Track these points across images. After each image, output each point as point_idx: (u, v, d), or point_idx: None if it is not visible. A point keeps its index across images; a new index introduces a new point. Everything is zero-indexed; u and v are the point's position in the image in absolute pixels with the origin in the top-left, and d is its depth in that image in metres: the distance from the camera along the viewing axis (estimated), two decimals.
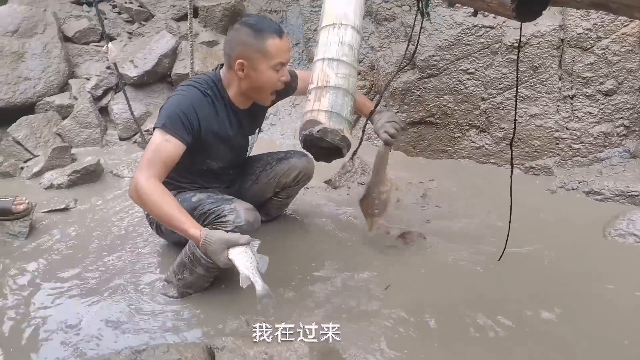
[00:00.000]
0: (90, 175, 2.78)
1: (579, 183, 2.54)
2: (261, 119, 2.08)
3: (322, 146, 1.63)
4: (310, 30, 3.53)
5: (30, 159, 3.05)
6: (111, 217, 2.46)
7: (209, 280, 1.84)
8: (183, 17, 3.99)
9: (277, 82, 1.75)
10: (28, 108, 3.27)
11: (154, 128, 1.72)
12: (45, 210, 2.48)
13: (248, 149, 2.05)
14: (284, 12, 4.04)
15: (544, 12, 1.38)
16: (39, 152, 3.05)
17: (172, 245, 2.11)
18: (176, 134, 1.66)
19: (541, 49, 2.56)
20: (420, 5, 1.82)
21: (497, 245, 2.02)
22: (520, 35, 1.80)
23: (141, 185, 1.57)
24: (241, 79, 1.76)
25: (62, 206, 2.52)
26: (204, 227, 1.59)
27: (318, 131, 1.58)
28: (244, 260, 1.43)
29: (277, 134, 3.38)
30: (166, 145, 1.65)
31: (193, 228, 1.52)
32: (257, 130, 2.05)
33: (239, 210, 1.70)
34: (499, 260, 1.96)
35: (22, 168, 2.99)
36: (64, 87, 3.43)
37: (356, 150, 2.12)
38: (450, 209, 2.47)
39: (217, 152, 1.88)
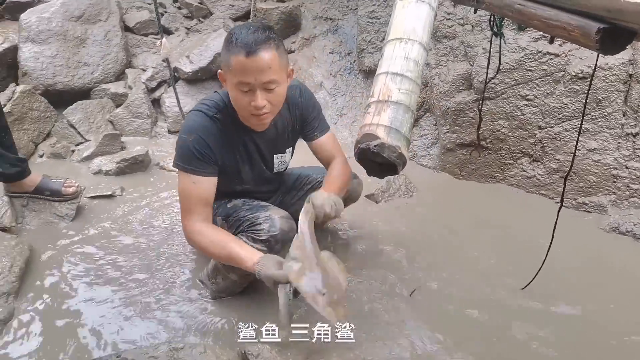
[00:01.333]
0: (138, 165, 2.83)
1: (634, 225, 2.41)
2: (286, 138, 1.87)
3: (377, 161, 1.60)
4: (365, 40, 3.51)
5: (82, 142, 3.13)
6: (154, 209, 2.49)
7: (242, 285, 1.83)
8: (240, 17, 4.05)
9: (246, 104, 1.55)
10: (84, 93, 3.37)
11: (174, 165, 1.67)
12: (92, 195, 2.54)
13: (275, 167, 1.89)
14: (339, 20, 4.05)
15: (627, 46, 1.32)
16: (91, 137, 3.13)
17: None
18: (199, 171, 1.62)
19: (607, 82, 2.45)
20: (494, 26, 1.76)
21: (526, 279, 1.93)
22: (595, 67, 1.72)
23: (189, 234, 1.64)
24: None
25: (109, 193, 2.57)
26: (237, 233, 1.67)
27: (375, 146, 1.54)
28: (283, 298, 1.42)
29: None
30: (196, 188, 1.62)
31: (248, 262, 1.51)
32: (287, 150, 1.90)
33: (274, 218, 1.66)
34: (522, 288, 1.94)
35: (73, 151, 3.07)
36: (120, 76, 3.52)
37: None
38: (488, 236, 2.39)
39: (236, 176, 1.79)
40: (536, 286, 1.91)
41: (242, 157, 1.77)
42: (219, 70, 1.60)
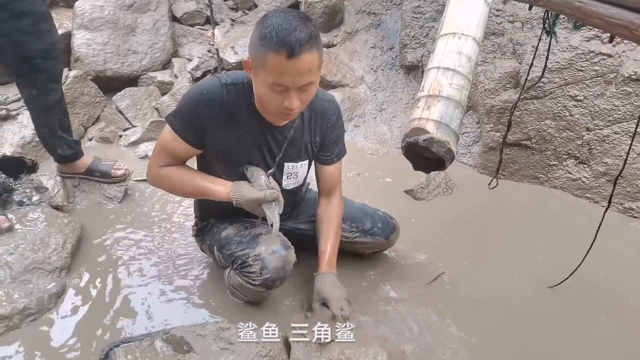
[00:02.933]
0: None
1: None
2: (302, 148, 1.70)
3: (425, 156, 1.60)
4: (409, 36, 3.49)
5: (129, 128, 3.23)
6: None
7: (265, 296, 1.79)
8: None
9: (277, 104, 1.40)
10: (132, 80, 3.47)
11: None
12: (139, 178, 2.62)
13: (284, 178, 1.72)
14: (382, 15, 4.03)
15: None
16: (137, 123, 3.22)
17: None
18: (182, 134, 1.54)
19: None
20: (547, 24, 1.73)
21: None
22: None
23: (154, 177, 1.65)
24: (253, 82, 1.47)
25: None
26: (234, 269, 1.69)
27: (424, 140, 1.54)
28: (273, 210, 1.57)
29: (359, 137, 3.37)
30: (173, 145, 1.57)
31: (220, 192, 1.58)
32: (301, 163, 1.72)
33: (265, 258, 1.59)
34: (552, 287, 1.96)
35: (120, 136, 3.18)
36: (166, 65, 3.61)
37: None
38: (529, 237, 2.37)
39: (229, 168, 1.65)
40: (568, 288, 1.92)
41: (247, 143, 1.60)
42: (246, 59, 1.44)
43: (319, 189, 1.86)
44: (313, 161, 1.80)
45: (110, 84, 3.40)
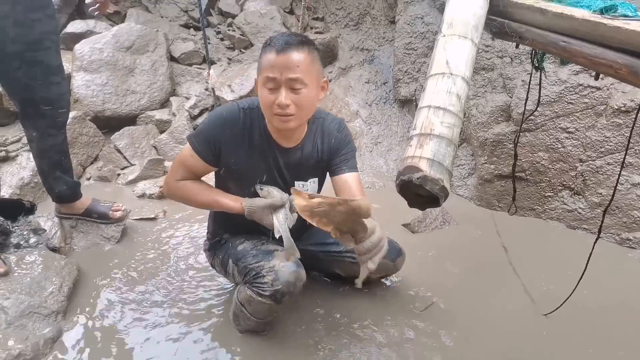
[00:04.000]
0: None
1: None
2: (311, 167, 1.79)
3: (419, 193, 1.61)
4: (402, 71, 3.57)
5: (127, 166, 3.26)
6: (194, 232, 2.56)
7: (265, 324, 1.81)
8: None
9: (270, 102, 1.53)
10: (131, 119, 3.52)
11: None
12: (137, 217, 2.63)
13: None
14: (375, 51, 4.13)
15: None
16: (136, 162, 3.25)
17: None
18: (200, 152, 1.68)
19: None
20: (535, 60, 1.78)
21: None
22: (639, 110, 1.71)
23: (171, 187, 1.76)
24: None
25: (152, 216, 2.66)
26: (245, 283, 1.70)
27: (418, 178, 1.55)
28: (282, 219, 1.64)
29: None
30: (192, 162, 1.71)
31: (233, 204, 1.68)
32: (310, 180, 1.80)
33: (279, 269, 1.61)
34: (546, 314, 1.97)
35: (118, 174, 3.20)
36: (164, 103, 3.67)
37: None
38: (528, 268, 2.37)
39: (243, 187, 1.75)
40: (562, 318, 1.94)
41: (259, 164, 1.72)
42: (255, 79, 1.65)
43: None
44: (323, 180, 1.88)
45: (108, 124, 3.45)
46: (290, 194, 1.68)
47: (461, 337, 1.89)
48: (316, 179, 1.83)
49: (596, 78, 2.20)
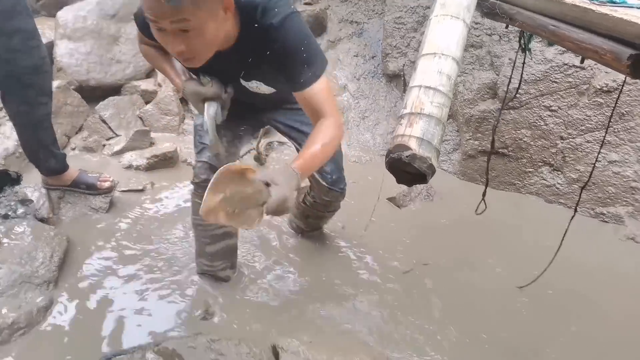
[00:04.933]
0: (168, 161, 2.92)
1: None
2: (255, 71, 1.57)
3: (407, 170, 1.66)
4: (391, 45, 3.57)
5: (112, 137, 3.23)
6: (183, 203, 2.59)
7: (207, 243, 1.90)
8: None
9: (165, 44, 1.30)
10: (116, 89, 3.47)
11: None
12: (125, 189, 2.63)
13: (248, 86, 1.64)
14: (364, 24, 4.10)
15: None
16: (121, 132, 3.22)
17: None
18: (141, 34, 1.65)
19: (631, 97, 2.49)
20: (522, 42, 1.82)
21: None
22: (624, 85, 1.77)
23: (145, 50, 1.73)
24: None
25: (140, 187, 2.67)
26: None
27: (407, 156, 1.60)
28: (211, 113, 1.61)
29: (343, 144, 3.42)
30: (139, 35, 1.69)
31: (175, 78, 1.66)
32: (255, 82, 1.62)
33: (200, 167, 1.76)
34: (522, 287, 2.10)
35: (104, 145, 3.17)
36: (150, 74, 3.61)
37: None
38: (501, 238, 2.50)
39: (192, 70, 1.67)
40: (541, 287, 2.04)
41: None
42: None
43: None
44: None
45: (93, 94, 3.38)
46: (233, 89, 1.62)
47: (439, 313, 1.99)
48: (261, 83, 1.63)
49: (581, 62, 2.25)
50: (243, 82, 1.63)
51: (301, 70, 1.43)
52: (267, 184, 1.29)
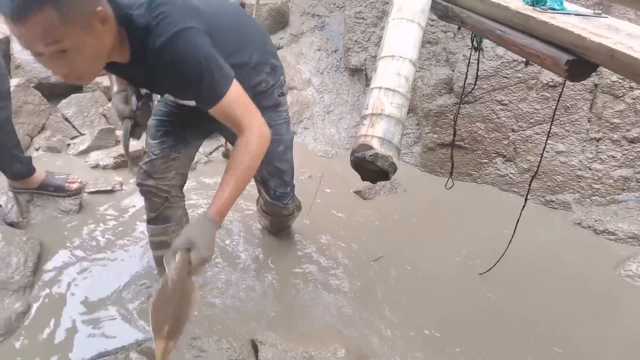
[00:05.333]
0: (136, 160, 2.93)
1: (595, 221, 2.68)
2: (142, 79, 1.50)
3: (371, 168, 1.78)
4: (352, 40, 3.66)
5: (77, 136, 3.20)
6: None
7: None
8: None
9: (50, 70, 1.23)
10: (77, 86, 3.41)
11: None
12: (93, 190, 2.64)
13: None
14: (325, 17, 4.18)
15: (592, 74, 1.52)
16: (86, 131, 3.20)
17: None
18: None
19: (575, 91, 2.68)
20: (474, 42, 1.95)
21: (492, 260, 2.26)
22: (564, 85, 1.94)
23: None
24: None
25: (109, 188, 2.67)
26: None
27: (370, 155, 1.72)
28: (123, 129, 1.70)
29: (309, 139, 3.52)
30: None
31: (113, 88, 1.74)
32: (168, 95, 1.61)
33: (140, 172, 1.85)
34: (482, 273, 2.27)
35: (68, 145, 3.14)
36: None
37: None
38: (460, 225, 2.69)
39: None
40: (497, 272, 2.22)
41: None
42: None
43: None
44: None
45: (54, 91, 3.33)
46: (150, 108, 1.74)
47: (405, 299, 2.13)
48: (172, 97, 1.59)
49: (526, 65, 2.41)
50: (160, 96, 1.73)
51: (201, 88, 1.33)
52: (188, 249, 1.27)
